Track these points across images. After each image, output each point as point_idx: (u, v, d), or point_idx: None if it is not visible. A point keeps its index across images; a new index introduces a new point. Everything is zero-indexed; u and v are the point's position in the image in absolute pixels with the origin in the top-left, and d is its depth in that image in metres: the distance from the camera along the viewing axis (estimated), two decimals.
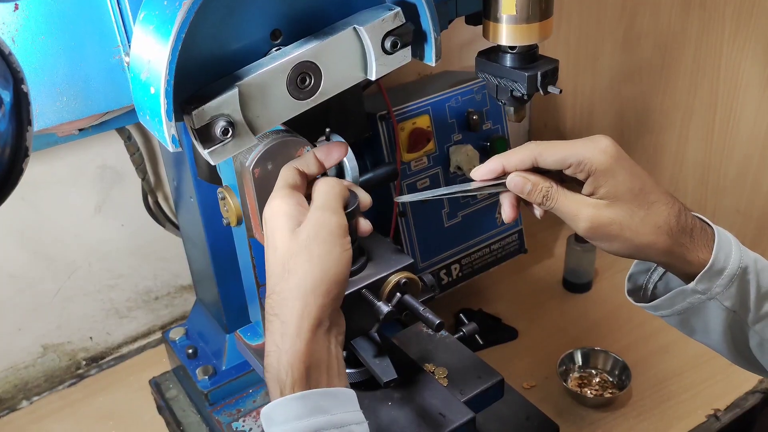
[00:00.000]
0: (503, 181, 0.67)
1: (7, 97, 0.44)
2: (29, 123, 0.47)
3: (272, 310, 0.61)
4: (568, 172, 0.65)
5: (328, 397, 0.59)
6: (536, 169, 0.67)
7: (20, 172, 0.47)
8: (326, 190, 0.64)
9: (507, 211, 0.69)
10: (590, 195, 0.65)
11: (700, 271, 0.65)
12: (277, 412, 0.59)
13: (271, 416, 0.59)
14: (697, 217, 0.68)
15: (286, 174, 0.66)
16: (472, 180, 0.69)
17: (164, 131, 0.60)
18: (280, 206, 0.63)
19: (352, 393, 0.62)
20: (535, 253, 1.38)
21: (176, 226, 1.24)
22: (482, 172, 0.68)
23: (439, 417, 0.77)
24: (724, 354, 0.72)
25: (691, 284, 0.66)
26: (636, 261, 0.74)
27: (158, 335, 1.32)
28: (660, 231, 0.64)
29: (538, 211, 0.69)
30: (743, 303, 0.66)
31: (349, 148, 0.76)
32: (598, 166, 0.64)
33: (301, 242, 0.61)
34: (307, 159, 0.69)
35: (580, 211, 0.65)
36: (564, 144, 0.65)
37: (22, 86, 0.46)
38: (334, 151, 0.69)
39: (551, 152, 0.65)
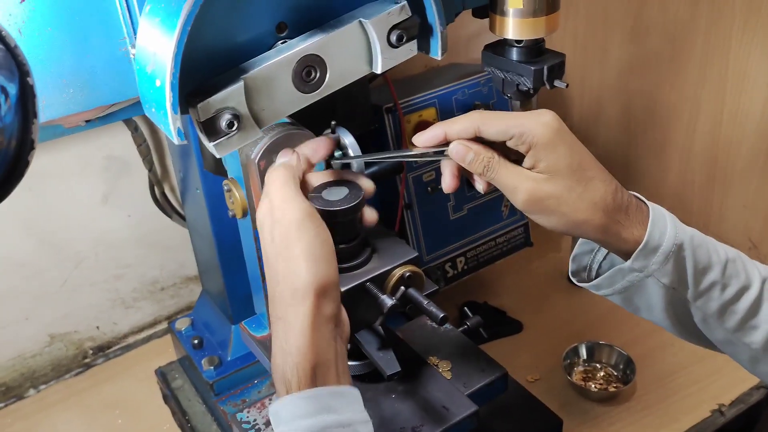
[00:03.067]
0: (445, 149, 0.67)
1: (12, 89, 0.44)
2: (35, 115, 0.47)
3: (275, 313, 0.62)
4: (510, 143, 0.65)
5: (335, 395, 0.60)
6: (479, 140, 0.67)
7: (26, 164, 0.47)
8: (277, 183, 0.63)
9: (447, 180, 0.69)
10: (531, 168, 0.65)
11: (636, 249, 0.65)
12: (284, 410, 0.59)
13: (279, 414, 0.59)
14: (633, 195, 0.69)
15: (281, 174, 0.65)
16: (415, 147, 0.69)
17: (170, 124, 0.60)
18: (262, 209, 0.63)
19: (357, 392, 0.62)
20: (540, 246, 1.38)
21: (182, 217, 1.24)
22: (424, 139, 0.67)
23: (442, 410, 0.77)
24: (670, 330, 0.73)
25: (628, 262, 0.66)
26: (580, 242, 0.74)
27: (164, 325, 1.33)
28: (596, 207, 0.64)
29: (479, 185, 0.69)
30: (681, 280, 0.66)
31: (354, 140, 0.76)
32: (539, 140, 0.63)
33: (277, 245, 0.61)
34: (295, 157, 0.68)
35: (518, 183, 0.65)
36: (507, 115, 0.65)
37: (28, 79, 0.46)
38: (321, 147, 0.68)
39: (494, 123, 0.65)
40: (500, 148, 0.67)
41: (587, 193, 0.64)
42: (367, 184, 0.69)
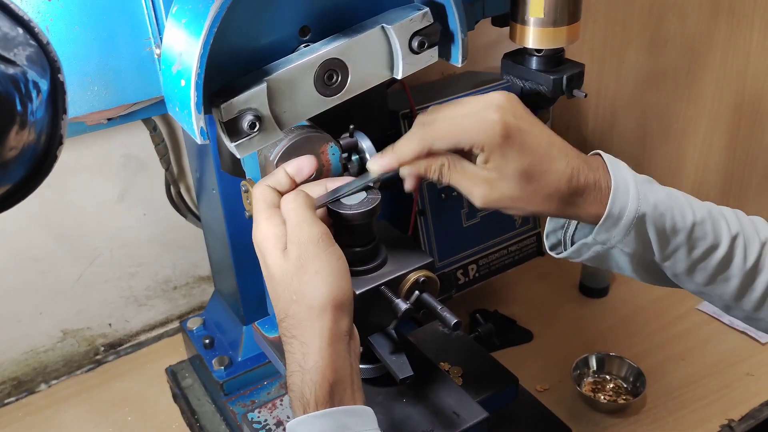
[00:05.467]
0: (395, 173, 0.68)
1: (44, 85, 0.45)
2: (65, 111, 0.48)
3: (289, 332, 0.62)
4: (463, 152, 0.65)
5: (351, 414, 0.60)
6: None
7: (54, 158, 0.48)
8: (294, 206, 0.64)
9: (408, 183, 0.69)
10: (483, 164, 0.65)
11: (597, 222, 0.66)
12: (301, 429, 0.60)
13: None
14: (602, 160, 0.68)
15: (263, 194, 0.66)
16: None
17: (193, 123, 0.61)
18: (265, 229, 0.63)
19: (371, 411, 0.62)
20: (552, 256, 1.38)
21: (197, 217, 1.25)
22: (377, 169, 0.68)
23: (453, 416, 0.77)
24: (645, 282, 0.75)
25: (590, 237, 0.68)
26: (549, 220, 0.75)
27: (176, 324, 1.34)
28: (551, 198, 0.65)
29: (409, 180, 0.69)
30: (646, 247, 0.67)
31: (372, 146, 0.76)
32: (488, 147, 0.63)
33: (292, 263, 0.61)
34: (278, 176, 0.68)
35: (472, 187, 0.65)
36: (452, 127, 0.64)
37: (59, 75, 0.47)
38: (305, 166, 0.68)
39: (441, 141, 0.64)
40: None
41: (540, 188, 0.65)
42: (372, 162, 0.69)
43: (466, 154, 0.65)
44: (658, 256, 0.68)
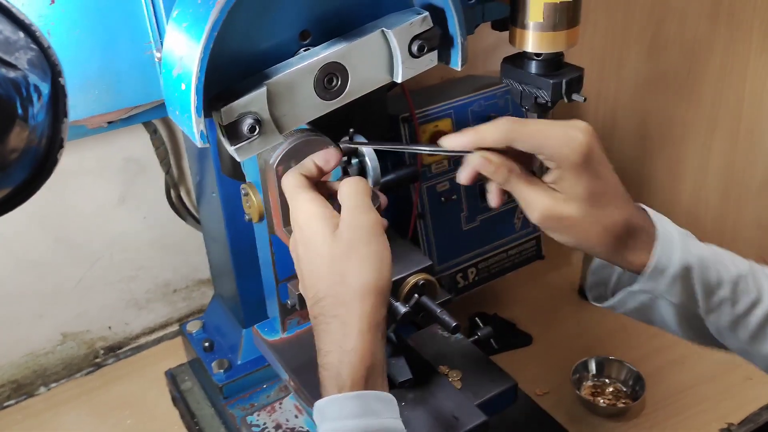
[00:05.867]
0: (467, 153, 0.67)
1: (45, 89, 0.46)
2: (65, 115, 0.48)
3: (329, 312, 0.62)
4: (539, 157, 0.66)
5: (380, 400, 0.61)
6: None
7: (55, 162, 0.48)
8: (354, 190, 0.65)
9: (464, 175, 0.69)
10: (552, 183, 0.66)
11: (643, 270, 0.67)
12: (331, 408, 0.60)
13: (325, 411, 0.61)
14: (644, 210, 0.70)
15: (298, 180, 0.67)
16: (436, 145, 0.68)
17: (193, 127, 0.61)
18: (312, 210, 0.64)
19: (395, 400, 0.63)
20: (552, 259, 1.38)
21: (197, 221, 1.25)
22: (453, 144, 0.67)
23: (452, 419, 0.77)
24: (689, 341, 0.74)
25: (636, 285, 0.68)
26: (591, 272, 0.76)
27: (175, 327, 1.34)
28: (607, 232, 0.66)
29: (492, 199, 0.70)
30: (691, 298, 0.68)
31: (372, 150, 0.77)
32: (567, 164, 0.64)
33: (344, 245, 0.62)
34: (308, 165, 0.69)
35: (535, 201, 0.66)
36: (540, 131, 0.65)
37: (60, 79, 0.47)
38: (331, 158, 0.69)
39: (526, 139, 0.65)
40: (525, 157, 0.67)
41: (601, 218, 0.66)
42: (383, 198, 0.71)
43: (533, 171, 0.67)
44: (703, 309, 0.68)
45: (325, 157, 0.69)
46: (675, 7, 1.28)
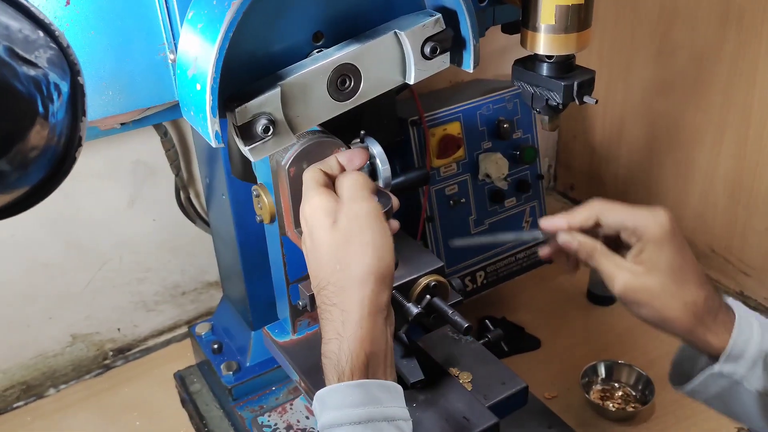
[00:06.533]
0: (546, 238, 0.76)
1: (65, 87, 0.46)
2: (84, 113, 0.49)
3: (329, 300, 0.63)
4: (622, 235, 0.71)
5: (383, 389, 0.61)
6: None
7: (73, 160, 0.49)
8: (351, 182, 0.66)
9: (547, 251, 0.77)
10: (634, 258, 0.70)
11: (721, 353, 0.68)
12: (333, 396, 0.60)
13: (325, 400, 0.61)
14: (722, 297, 0.72)
15: (315, 175, 0.68)
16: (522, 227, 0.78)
17: (208, 127, 0.61)
18: (318, 203, 0.65)
19: (400, 389, 0.63)
20: (560, 264, 1.37)
21: (206, 223, 1.26)
22: (548, 225, 0.75)
23: (462, 420, 0.77)
24: None
25: (717, 366, 0.68)
26: (681, 347, 0.77)
27: (184, 329, 1.34)
28: (686, 309, 0.68)
29: (548, 248, 0.77)
30: None
31: (383, 152, 0.77)
32: (651, 236, 0.69)
33: (343, 234, 0.63)
34: (330, 162, 0.70)
35: (617, 273, 0.70)
36: (625, 208, 0.72)
37: (79, 78, 0.48)
38: (356, 157, 0.71)
39: (613, 214, 0.72)
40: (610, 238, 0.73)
41: (681, 293, 0.68)
42: (395, 200, 0.71)
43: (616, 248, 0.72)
44: None
45: (349, 157, 0.70)
46: (683, 12, 1.29)
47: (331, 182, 0.69)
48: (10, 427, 1.16)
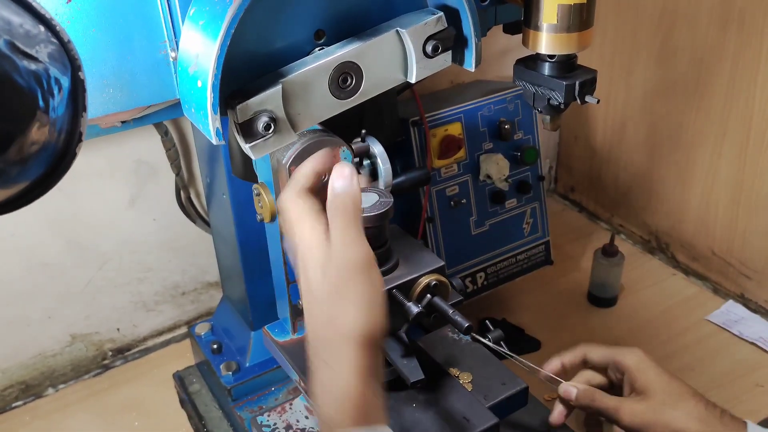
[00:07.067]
0: (560, 382, 0.88)
1: (65, 83, 0.46)
2: (84, 109, 0.48)
3: (319, 355, 0.60)
4: (609, 370, 0.85)
5: None
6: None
7: (73, 155, 0.49)
8: (342, 212, 0.60)
9: (555, 415, 0.89)
10: (628, 394, 0.82)
11: None
12: None
13: None
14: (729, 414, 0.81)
15: (307, 204, 0.62)
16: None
17: (209, 124, 0.61)
18: (311, 239, 0.60)
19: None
20: (560, 265, 1.37)
21: (207, 223, 1.26)
22: (549, 368, 0.90)
23: (463, 421, 0.77)
24: None
25: None
26: None
27: (184, 330, 1.34)
28: (690, 416, 0.77)
29: (557, 412, 0.88)
30: None
31: (383, 149, 0.77)
32: (631, 364, 0.82)
33: (331, 285, 0.59)
34: (304, 179, 0.65)
35: (620, 406, 0.81)
36: (606, 347, 0.87)
37: (80, 73, 0.48)
38: (328, 160, 0.66)
39: (597, 351, 0.88)
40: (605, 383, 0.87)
41: (680, 405, 0.78)
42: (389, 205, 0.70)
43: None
44: None
45: (320, 161, 0.66)
46: (685, 14, 1.29)
47: (316, 199, 0.63)
48: (8, 426, 1.16)
